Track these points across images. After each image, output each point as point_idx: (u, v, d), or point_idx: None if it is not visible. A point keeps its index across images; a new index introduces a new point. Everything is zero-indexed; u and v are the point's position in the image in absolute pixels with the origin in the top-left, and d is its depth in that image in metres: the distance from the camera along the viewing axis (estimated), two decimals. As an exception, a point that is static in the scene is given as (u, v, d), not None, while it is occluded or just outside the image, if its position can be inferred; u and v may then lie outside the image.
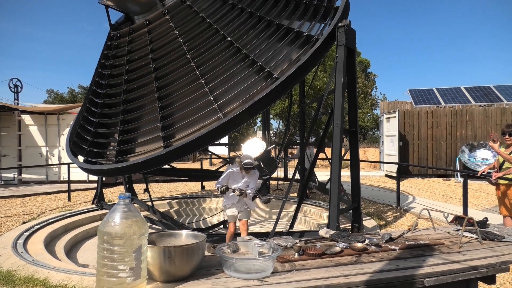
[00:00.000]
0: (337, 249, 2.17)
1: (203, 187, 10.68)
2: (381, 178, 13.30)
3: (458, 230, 2.65)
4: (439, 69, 70.25)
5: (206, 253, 2.12)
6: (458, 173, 11.97)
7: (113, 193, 9.52)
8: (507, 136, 4.56)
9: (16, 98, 15.71)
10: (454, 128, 13.20)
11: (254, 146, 6.27)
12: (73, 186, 9.41)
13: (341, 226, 4.69)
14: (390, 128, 13.61)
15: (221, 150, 19.62)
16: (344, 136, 5.05)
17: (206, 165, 19.11)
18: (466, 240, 2.43)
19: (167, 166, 7.22)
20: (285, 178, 9.25)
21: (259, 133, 22.59)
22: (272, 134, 17.01)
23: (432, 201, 8.19)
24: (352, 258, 2.09)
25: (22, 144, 11.90)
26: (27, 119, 11.90)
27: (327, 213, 4.60)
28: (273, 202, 7.73)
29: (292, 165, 11.95)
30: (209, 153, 15.64)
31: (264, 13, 4.88)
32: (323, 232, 2.57)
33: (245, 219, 4.98)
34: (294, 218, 5.74)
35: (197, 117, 4.27)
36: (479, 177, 5.06)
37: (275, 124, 27.26)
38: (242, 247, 2.14)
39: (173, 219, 6.75)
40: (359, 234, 2.61)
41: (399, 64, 68.69)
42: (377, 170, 16.28)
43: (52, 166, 11.55)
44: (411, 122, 13.51)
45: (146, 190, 7.40)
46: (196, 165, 18.12)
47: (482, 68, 74.10)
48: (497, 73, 70.53)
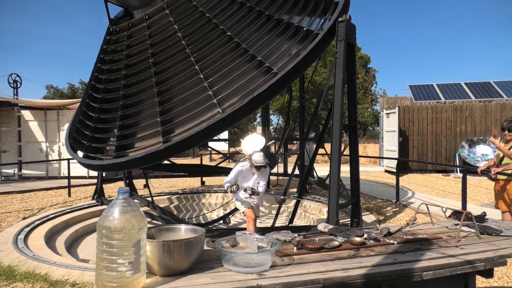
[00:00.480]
0: (336, 243, 2.18)
1: (203, 183, 10.70)
2: (381, 174, 13.32)
3: (456, 225, 2.66)
4: (440, 65, 70.20)
5: (206, 248, 2.13)
6: (458, 169, 11.99)
7: (113, 189, 9.54)
8: (507, 132, 4.56)
9: (16, 94, 15.62)
10: (454, 124, 13.20)
11: (254, 142, 6.26)
12: (73, 182, 9.42)
13: (341, 221, 4.70)
14: (390, 124, 13.60)
15: (221, 146, 19.64)
16: (344, 132, 5.04)
17: (206, 161, 19.13)
18: (464, 235, 2.44)
19: (167, 162, 7.23)
20: (285, 174, 9.27)
21: (259, 129, 22.58)
22: (272, 130, 17.01)
23: (432, 196, 8.20)
24: (351, 252, 2.10)
25: (22, 140, 11.89)
26: (27, 115, 11.88)
27: (327, 208, 4.61)
28: (273, 196, 7.75)
29: (292, 161, 11.95)
30: (209, 149, 15.63)
31: (264, 8, 4.85)
32: (322, 227, 2.57)
33: (256, 212, 5.02)
34: (294, 213, 5.76)
35: (196, 112, 4.26)
36: (478, 173, 5.06)
37: (275, 120, 27.28)
38: (241, 242, 2.15)
39: (173, 215, 6.77)
40: (358, 229, 2.61)
41: (399, 60, 68.60)
42: (377, 166, 16.30)
43: (52, 162, 11.56)
44: (411, 118, 13.49)
45: (146, 186, 7.42)
46: (196, 161, 18.13)
47: (482, 65, 73.98)
48: (497, 70, 70.45)
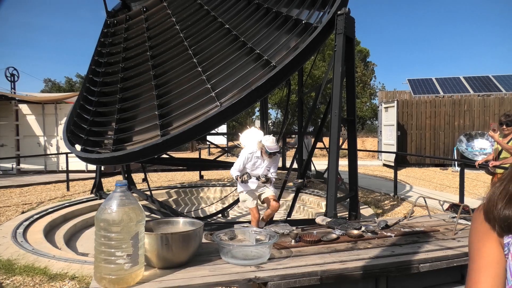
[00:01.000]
0: (333, 236, 2.19)
1: (202, 177, 10.71)
2: (379, 168, 13.35)
3: (454, 218, 2.67)
4: (439, 60, 70.03)
5: (204, 241, 2.14)
6: (456, 162, 12.03)
7: (112, 183, 9.53)
8: (505, 126, 4.57)
9: (13, 87, 15.49)
10: (452, 118, 13.20)
11: (252, 136, 6.25)
12: (72, 176, 9.41)
13: (339, 215, 4.72)
14: (389, 118, 13.60)
15: (220, 140, 19.62)
16: (342, 125, 5.04)
17: (205, 155, 19.13)
18: (461, 227, 2.45)
19: (166, 155, 7.23)
20: (283, 167, 9.28)
21: (258, 123, 22.57)
22: (270, 124, 17.00)
23: (429, 190, 8.24)
24: (348, 245, 2.11)
25: (20, 134, 11.84)
26: (25, 109, 11.82)
27: (325, 202, 4.63)
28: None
29: (290, 154, 11.96)
30: (208, 143, 15.61)
31: (262, 1, 4.82)
32: (320, 220, 2.59)
33: (273, 194, 4.48)
34: (292, 207, 5.78)
35: (195, 106, 4.25)
36: (476, 166, 5.08)
37: (274, 114, 27.25)
38: (239, 234, 2.16)
39: (172, 208, 6.78)
40: (356, 222, 2.63)
41: (399, 54, 68.39)
42: (375, 160, 16.33)
43: (51, 156, 11.53)
44: (410, 112, 13.49)
45: (145, 180, 7.42)
46: (195, 155, 18.13)
47: (482, 60, 73.88)
48: (497, 64, 70.40)
